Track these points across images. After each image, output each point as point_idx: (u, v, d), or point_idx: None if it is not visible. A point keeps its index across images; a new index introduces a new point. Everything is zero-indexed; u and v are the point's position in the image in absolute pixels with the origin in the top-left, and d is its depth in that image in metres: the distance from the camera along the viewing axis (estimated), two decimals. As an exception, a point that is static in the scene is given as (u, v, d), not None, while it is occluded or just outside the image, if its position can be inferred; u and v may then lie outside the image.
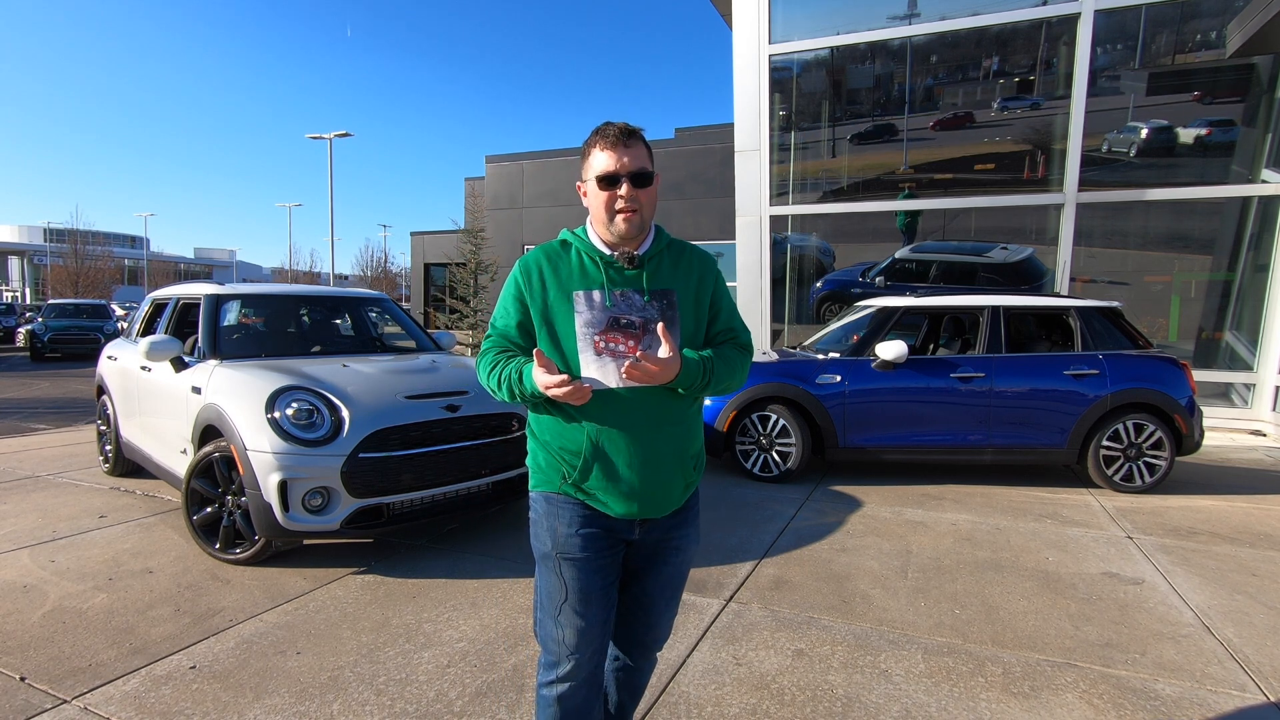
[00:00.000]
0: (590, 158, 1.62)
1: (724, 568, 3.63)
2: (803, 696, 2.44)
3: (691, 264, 1.73)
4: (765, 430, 5.51)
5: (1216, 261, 8.65)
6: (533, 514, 1.70)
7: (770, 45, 9.60)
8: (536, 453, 1.69)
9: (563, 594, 1.63)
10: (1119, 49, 8.55)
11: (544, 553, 1.66)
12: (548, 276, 1.64)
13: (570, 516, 1.63)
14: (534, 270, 1.65)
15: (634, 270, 1.64)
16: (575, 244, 1.68)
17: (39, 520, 4.24)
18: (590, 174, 1.62)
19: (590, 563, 1.63)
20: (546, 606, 1.66)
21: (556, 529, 1.63)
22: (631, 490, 1.61)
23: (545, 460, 1.66)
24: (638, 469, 1.60)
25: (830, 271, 10.24)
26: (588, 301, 1.58)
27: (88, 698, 2.38)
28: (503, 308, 1.69)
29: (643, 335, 1.59)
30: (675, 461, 1.66)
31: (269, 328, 5.10)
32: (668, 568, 1.75)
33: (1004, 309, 5.54)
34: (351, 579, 3.41)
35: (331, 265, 27.75)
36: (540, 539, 1.67)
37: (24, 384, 12.08)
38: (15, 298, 47.83)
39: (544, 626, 1.67)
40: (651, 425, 1.61)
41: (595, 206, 1.62)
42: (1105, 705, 2.41)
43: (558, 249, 1.68)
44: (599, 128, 1.62)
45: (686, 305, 1.67)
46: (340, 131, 25.03)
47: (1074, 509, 4.84)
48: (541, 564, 1.68)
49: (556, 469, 1.64)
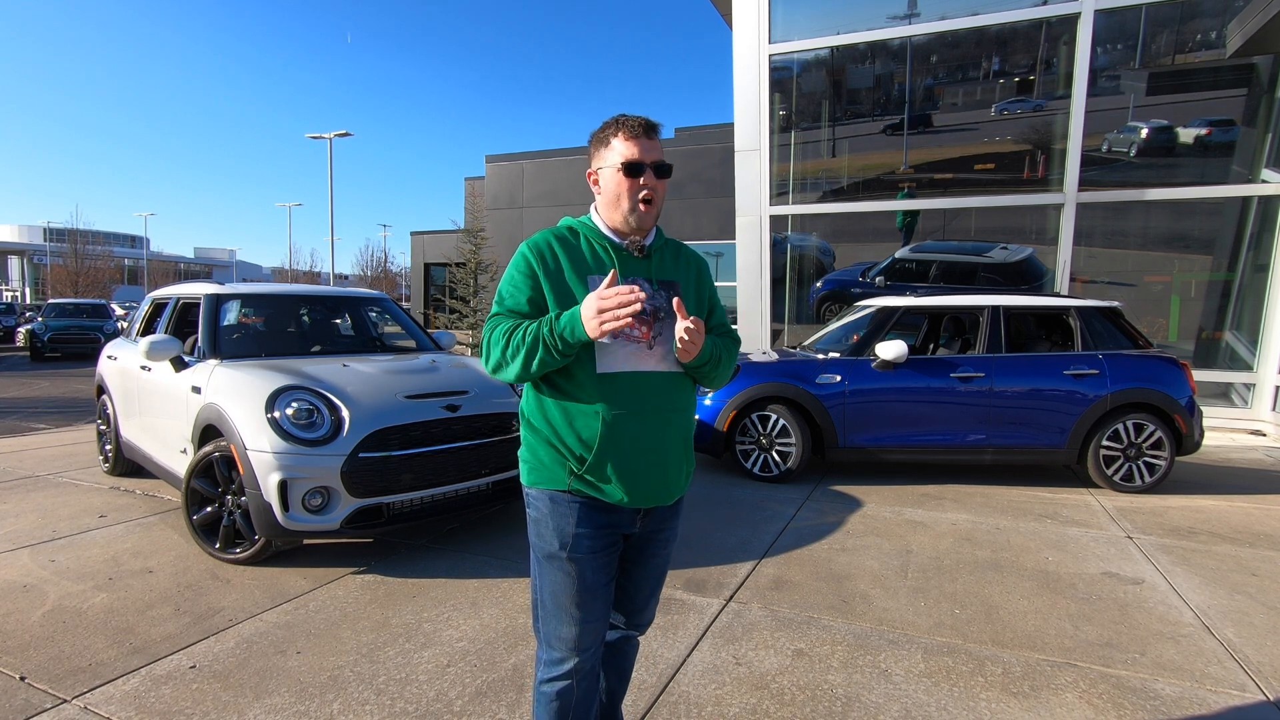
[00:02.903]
0: (610, 146, 1.63)
1: (724, 568, 3.63)
2: (802, 696, 2.44)
3: (690, 260, 1.80)
4: (765, 430, 5.51)
5: (1216, 261, 8.65)
6: (534, 513, 1.68)
7: (770, 45, 9.60)
8: (537, 448, 1.66)
9: (570, 591, 1.62)
10: (1119, 49, 8.55)
11: (550, 552, 1.64)
12: (561, 257, 1.63)
13: (578, 514, 1.62)
14: (546, 250, 1.63)
15: (643, 260, 1.67)
16: (583, 231, 1.68)
17: (39, 520, 4.24)
18: (610, 162, 1.63)
19: (596, 559, 1.64)
20: (551, 605, 1.65)
21: (564, 528, 1.62)
22: (644, 479, 1.61)
23: (549, 456, 1.63)
24: (650, 457, 1.61)
25: (830, 271, 10.24)
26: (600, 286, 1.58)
27: (88, 697, 2.38)
28: (511, 285, 1.63)
29: (653, 323, 1.62)
30: (682, 448, 1.69)
31: (269, 327, 5.10)
32: (657, 559, 1.78)
33: (1004, 309, 5.54)
34: (351, 579, 3.41)
35: (331, 265, 27.75)
36: (545, 539, 1.65)
37: (24, 384, 12.08)
38: (15, 297, 47.80)
39: (549, 624, 1.66)
40: (662, 412, 1.63)
41: (613, 194, 1.63)
42: (1105, 705, 2.41)
43: (566, 235, 1.67)
44: (620, 119, 1.64)
45: (689, 298, 1.72)
46: (340, 131, 25.02)
47: (1074, 509, 4.84)
48: (546, 563, 1.66)
49: (562, 464, 1.61)
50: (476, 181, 22.51)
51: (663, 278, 1.68)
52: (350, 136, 25.20)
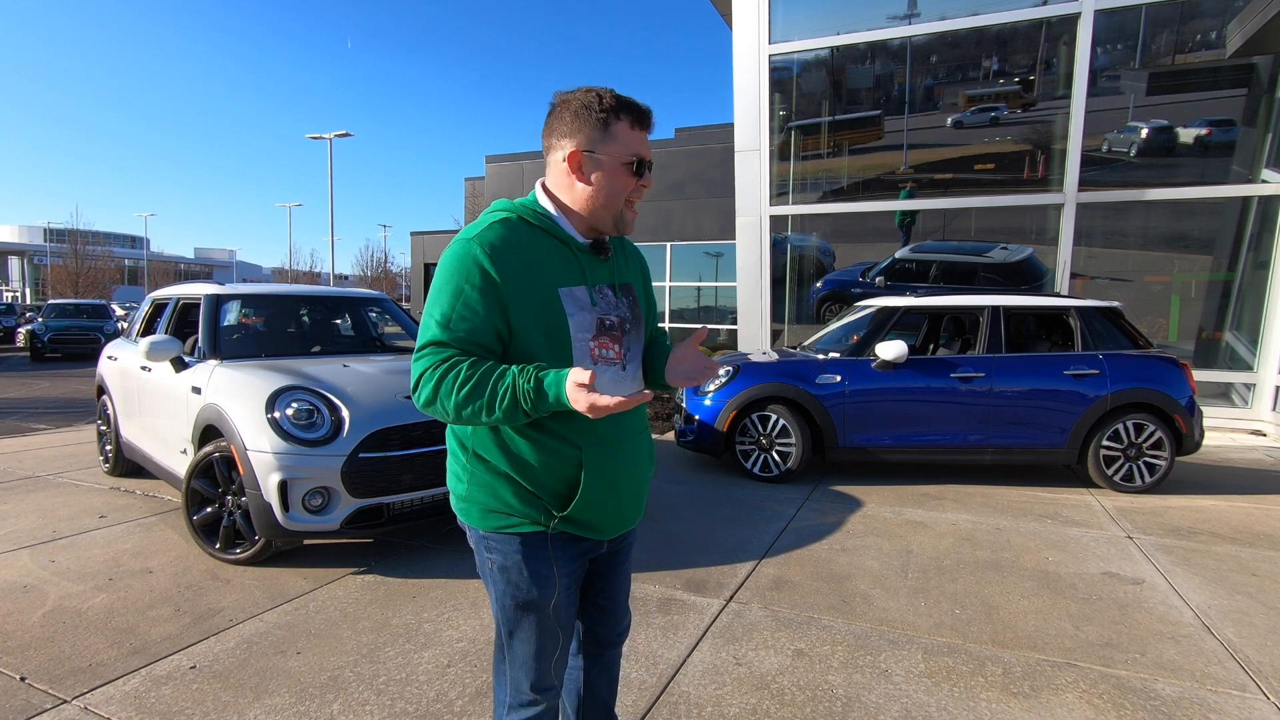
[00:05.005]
0: (610, 133, 1.36)
1: (724, 568, 3.63)
2: (803, 696, 2.44)
3: (635, 258, 1.60)
4: (765, 430, 5.51)
5: (1216, 261, 8.64)
6: (500, 559, 1.42)
7: (770, 45, 9.60)
8: (495, 486, 1.39)
9: (549, 634, 1.46)
10: (1119, 49, 8.55)
11: (525, 600, 1.43)
12: (521, 264, 1.33)
13: (559, 555, 1.43)
14: (508, 256, 1.32)
15: (606, 262, 1.46)
16: (540, 224, 1.39)
17: (39, 520, 4.24)
18: (612, 153, 1.36)
19: (570, 594, 1.48)
20: (523, 653, 1.46)
21: (542, 572, 1.42)
22: (621, 507, 1.47)
23: (515, 496, 1.39)
24: (631, 480, 1.48)
25: (830, 271, 10.24)
26: (575, 301, 1.37)
27: (88, 698, 2.38)
28: (464, 305, 1.29)
29: (622, 337, 1.45)
30: (647, 466, 1.56)
31: (269, 328, 5.10)
32: (624, 566, 1.66)
33: (1004, 309, 5.54)
34: (351, 579, 3.41)
35: (331, 265, 27.76)
36: (519, 587, 1.42)
37: (24, 384, 12.07)
38: (15, 298, 47.82)
39: (519, 670, 1.48)
40: (632, 435, 1.49)
41: (608, 191, 1.38)
42: (1105, 705, 2.41)
43: (522, 229, 1.37)
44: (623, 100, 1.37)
45: (641, 300, 1.56)
46: (340, 131, 25.06)
47: (1074, 509, 4.84)
48: (520, 612, 1.44)
49: (536, 505, 1.39)
50: (476, 181, 22.51)
51: (621, 281, 1.49)
52: (350, 137, 25.24)
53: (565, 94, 1.39)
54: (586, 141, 1.36)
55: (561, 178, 1.40)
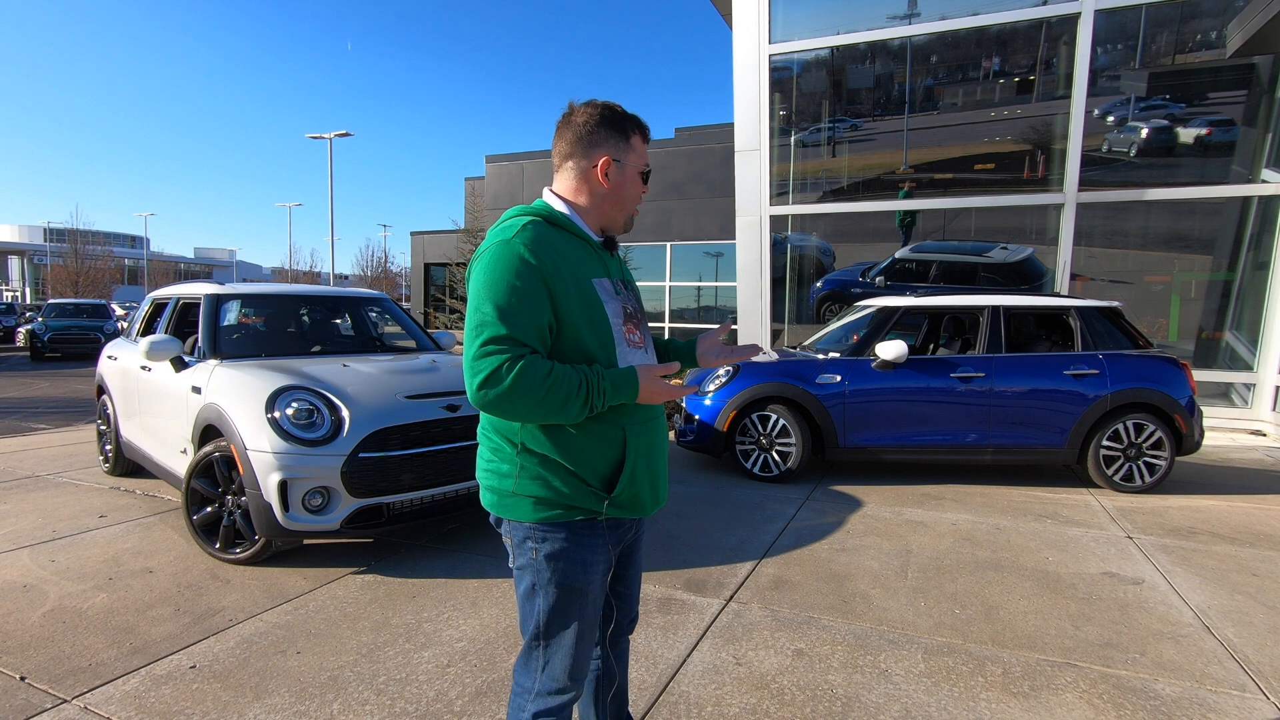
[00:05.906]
0: (630, 145, 1.54)
1: (724, 568, 3.63)
2: (803, 696, 2.44)
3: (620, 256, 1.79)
4: (765, 430, 5.51)
5: (1216, 261, 8.65)
6: (549, 548, 1.48)
7: (770, 45, 9.60)
8: (551, 480, 1.46)
9: (589, 621, 1.53)
10: (1119, 49, 8.55)
11: (574, 587, 1.49)
12: (560, 260, 1.43)
13: (604, 541, 1.52)
14: (548, 252, 1.41)
15: (614, 259, 1.64)
16: (564, 226, 1.50)
17: (39, 520, 4.24)
18: (630, 162, 1.54)
19: (607, 580, 1.57)
20: (567, 640, 1.52)
21: (589, 558, 1.50)
22: (655, 484, 1.58)
23: (568, 484, 1.46)
24: (659, 461, 1.60)
25: (830, 271, 10.24)
26: (606, 290, 1.51)
27: (88, 697, 2.38)
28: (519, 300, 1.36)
29: (639, 324, 1.61)
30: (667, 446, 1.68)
31: (269, 327, 5.10)
32: (640, 553, 1.77)
33: (1004, 309, 5.54)
34: (351, 579, 3.41)
35: (331, 265, 27.75)
36: (569, 574, 1.48)
37: (24, 384, 12.07)
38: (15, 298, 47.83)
39: (555, 658, 1.52)
40: (657, 417, 1.62)
41: (623, 194, 1.55)
42: (1105, 705, 2.41)
43: (548, 229, 1.47)
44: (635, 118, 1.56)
45: None
46: (340, 131, 25.04)
47: (1074, 509, 4.84)
48: (568, 599, 1.49)
49: (585, 491, 1.46)
50: (476, 181, 22.50)
51: (624, 276, 1.66)
52: (350, 136, 25.21)
53: (584, 108, 1.54)
54: (609, 149, 1.52)
55: (582, 183, 1.54)
